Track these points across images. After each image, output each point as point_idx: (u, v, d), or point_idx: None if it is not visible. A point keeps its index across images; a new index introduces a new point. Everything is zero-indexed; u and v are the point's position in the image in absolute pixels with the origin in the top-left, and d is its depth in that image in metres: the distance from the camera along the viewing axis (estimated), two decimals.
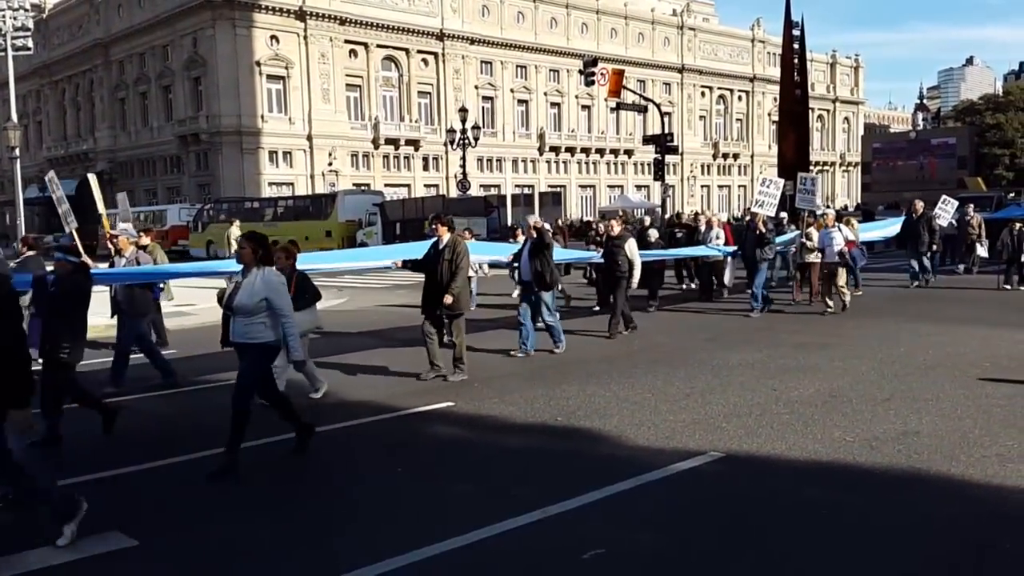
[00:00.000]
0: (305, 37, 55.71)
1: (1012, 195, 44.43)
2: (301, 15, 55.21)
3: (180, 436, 7.26)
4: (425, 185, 61.59)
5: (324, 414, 7.81)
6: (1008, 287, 17.05)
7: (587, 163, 73.33)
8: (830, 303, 13.99)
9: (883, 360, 9.77)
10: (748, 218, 16.11)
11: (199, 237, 39.16)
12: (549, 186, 65.35)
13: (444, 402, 8.19)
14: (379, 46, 59.69)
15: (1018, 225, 17.14)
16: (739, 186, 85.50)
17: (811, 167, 41.12)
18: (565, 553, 4.58)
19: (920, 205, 18.51)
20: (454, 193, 48.25)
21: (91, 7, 64.47)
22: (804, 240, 15.20)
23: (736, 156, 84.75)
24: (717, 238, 16.65)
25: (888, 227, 20.35)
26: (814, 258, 14.91)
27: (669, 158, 35.35)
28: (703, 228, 17.78)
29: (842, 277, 14.30)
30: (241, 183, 53.05)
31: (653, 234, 16.24)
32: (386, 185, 55.43)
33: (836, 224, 14.85)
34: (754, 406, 7.68)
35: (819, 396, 8.03)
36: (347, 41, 57.83)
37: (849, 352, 10.35)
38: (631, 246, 12.20)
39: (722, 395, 8.16)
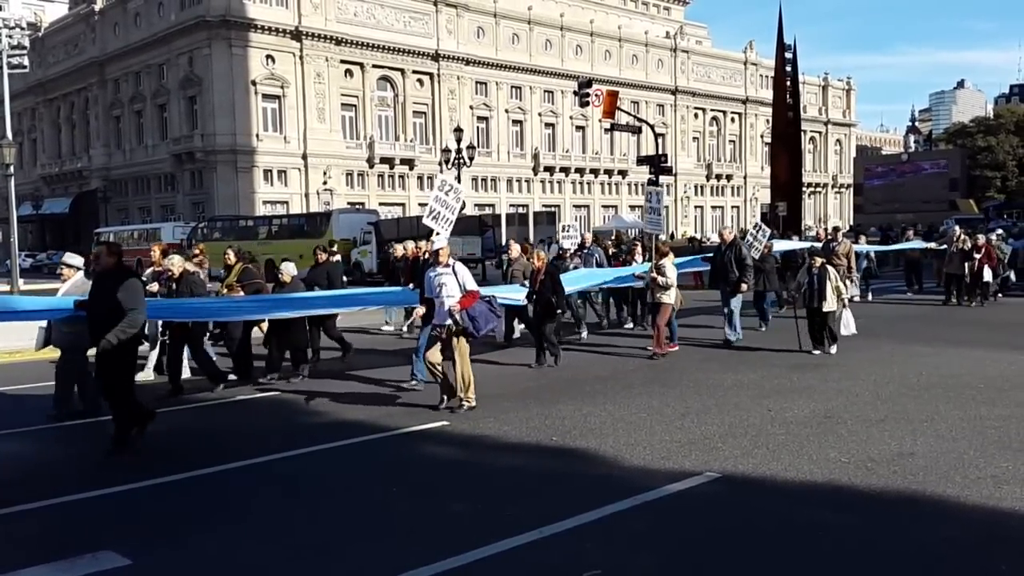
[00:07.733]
0: (301, 57, 55.98)
1: (1006, 216, 44.80)
2: (297, 35, 55.51)
3: (176, 453, 7.23)
4: (420, 204, 61.43)
5: (319, 433, 7.79)
6: (818, 352, 11.82)
7: (581, 183, 73.69)
8: (459, 398, 8.62)
9: (877, 381, 9.79)
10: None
11: None
12: (544, 206, 65.59)
13: (439, 421, 8.17)
14: (375, 66, 60.04)
15: (820, 260, 12.14)
16: (732, 207, 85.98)
17: (804, 188, 41.38)
18: (561, 574, 4.56)
19: (728, 233, 13.73)
20: None
21: (87, 26, 64.75)
22: (655, 274, 11.96)
23: (729, 177, 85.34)
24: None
25: (700, 262, 16.22)
26: (667, 299, 11.87)
27: (663, 179, 35.47)
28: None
29: (461, 347, 8.50)
30: (235, 201, 53.07)
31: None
32: (381, 204, 55.59)
33: (449, 263, 8.56)
34: (749, 426, 7.67)
35: (814, 417, 8.03)
36: (343, 61, 58.15)
37: (843, 373, 10.36)
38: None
39: (717, 415, 8.16)
